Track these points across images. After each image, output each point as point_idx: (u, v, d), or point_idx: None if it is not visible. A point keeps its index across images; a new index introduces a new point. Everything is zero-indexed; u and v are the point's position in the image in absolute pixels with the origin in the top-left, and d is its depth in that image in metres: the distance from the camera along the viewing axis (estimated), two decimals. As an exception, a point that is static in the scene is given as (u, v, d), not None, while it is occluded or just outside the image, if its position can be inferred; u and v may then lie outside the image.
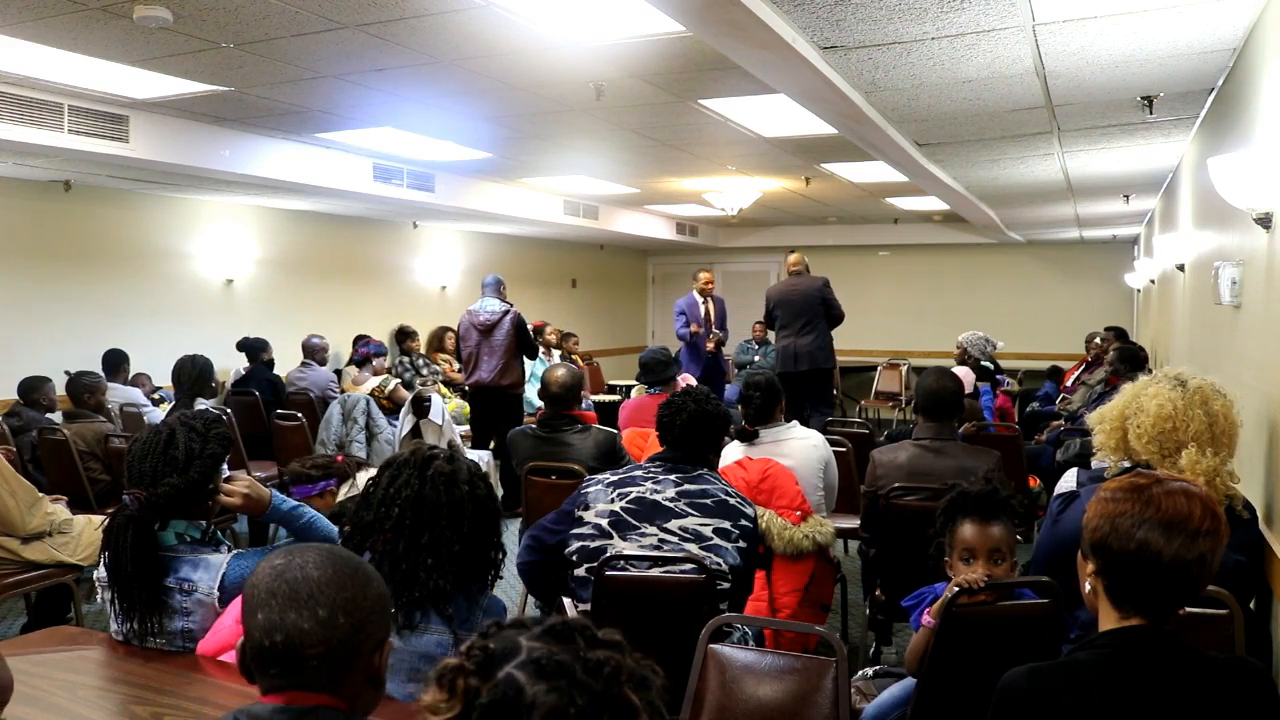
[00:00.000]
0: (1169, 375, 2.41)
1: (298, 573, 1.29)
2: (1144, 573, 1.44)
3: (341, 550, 1.39)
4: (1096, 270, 11.63)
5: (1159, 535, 1.42)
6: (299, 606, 1.27)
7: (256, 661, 1.29)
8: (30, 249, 6.47)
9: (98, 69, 4.27)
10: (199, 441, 2.18)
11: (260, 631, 1.27)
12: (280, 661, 1.27)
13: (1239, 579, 2.22)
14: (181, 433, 2.18)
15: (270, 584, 1.29)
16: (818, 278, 7.79)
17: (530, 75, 4.38)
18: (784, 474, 3.42)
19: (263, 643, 1.27)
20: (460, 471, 1.90)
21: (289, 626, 1.26)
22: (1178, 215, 5.95)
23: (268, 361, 7.34)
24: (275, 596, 1.28)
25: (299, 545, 1.37)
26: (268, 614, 1.27)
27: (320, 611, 1.26)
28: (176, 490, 2.12)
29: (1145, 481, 1.50)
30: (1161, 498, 1.45)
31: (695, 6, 2.92)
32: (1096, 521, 1.49)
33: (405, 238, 9.76)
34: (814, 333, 7.57)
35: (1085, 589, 1.54)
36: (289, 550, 1.35)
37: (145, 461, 2.15)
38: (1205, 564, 1.43)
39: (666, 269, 14.26)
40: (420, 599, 1.82)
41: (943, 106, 4.42)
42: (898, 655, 3.81)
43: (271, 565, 1.32)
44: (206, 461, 2.18)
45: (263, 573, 1.32)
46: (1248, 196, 2.76)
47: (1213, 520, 1.44)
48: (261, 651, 1.27)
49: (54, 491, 4.46)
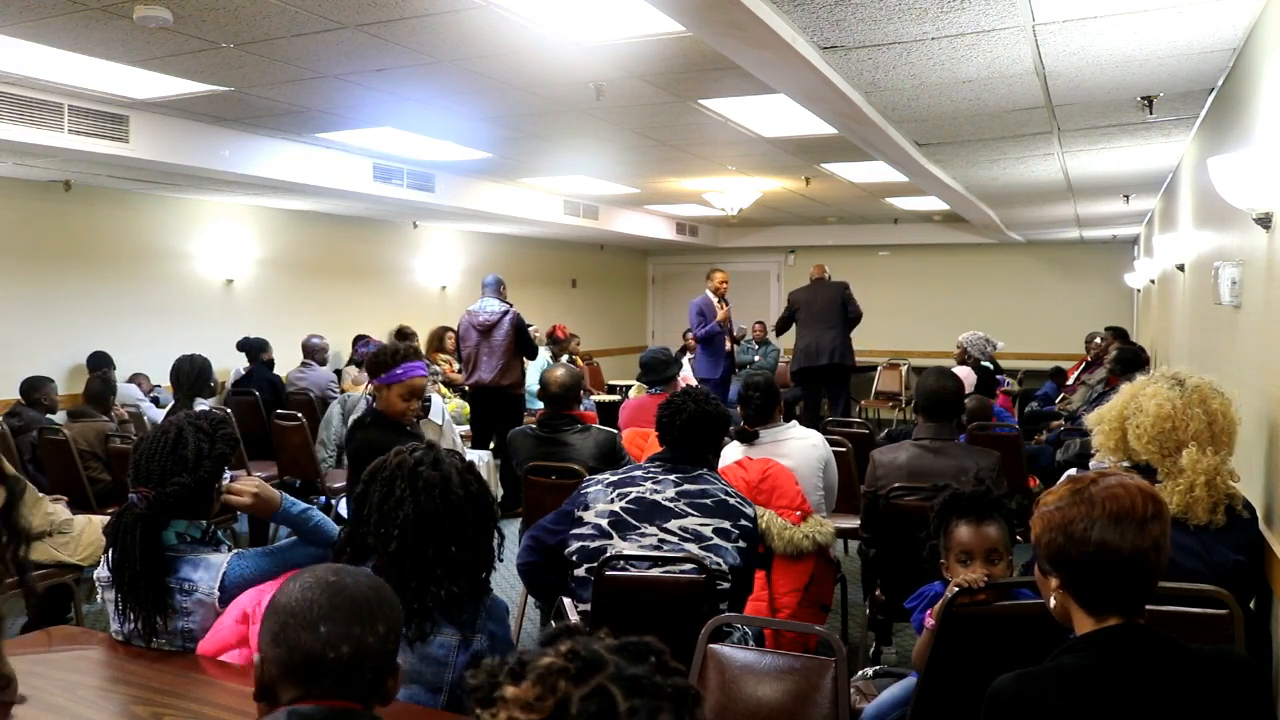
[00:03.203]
0: (1167, 375, 2.41)
1: (356, 590, 1.35)
2: (1108, 571, 1.45)
3: (363, 574, 1.43)
4: (1096, 270, 11.63)
5: (1112, 532, 1.43)
6: (363, 621, 1.32)
7: (308, 671, 1.31)
8: (30, 249, 6.47)
9: (98, 69, 4.27)
10: (207, 441, 2.19)
11: (322, 643, 1.30)
12: (337, 672, 1.30)
13: (1239, 579, 2.22)
14: (190, 432, 2.19)
15: (332, 599, 1.33)
16: (839, 282, 8.28)
17: (530, 75, 4.38)
18: (784, 474, 3.42)
19: (325, 654, 1.30)
20: (450, 476, 1.87)
21: (355, 639, 1.31)
22: (1178, 215, 5.95)
23: (268, 361, 7.35)
24: (339, 611, 1.32)
25: (339, 569, 1.41)
26: (333, 627, 1.31)
27: (380, 627, 1.34)
28: (185, 489, 2.13)
29: (1081, 484, 1.50)
30: (1102, 495, 1.46)
31: (695, 6, 2.92)
32: (1048, 535, 1.49)
33: (405, 238, 9.76)
34: (834, 330, 7.96)
35: (1051, 604, 1.54)
36: (335, 568, 1.40)
37: (154, 461, 2.15)
38: (1160, 548, 1.45)
39: (666, 269, 14.26)
40: (431, 609, 1.80)
41: (943, 106, 4.42)
42: (898, 655, 3.81)
43: (325, 581, 1.36)
44: (214, 461, 2.19)
45: (314, 587, 1.35)
46: (1248, 196, 2.76)
47: (1155, 504, 1.46)
48: (320, 663, 1.30)
49: (54, 491, 4.46)
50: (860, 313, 8.08)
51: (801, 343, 8.06)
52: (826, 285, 8.18)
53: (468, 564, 1.85)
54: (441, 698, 1.79)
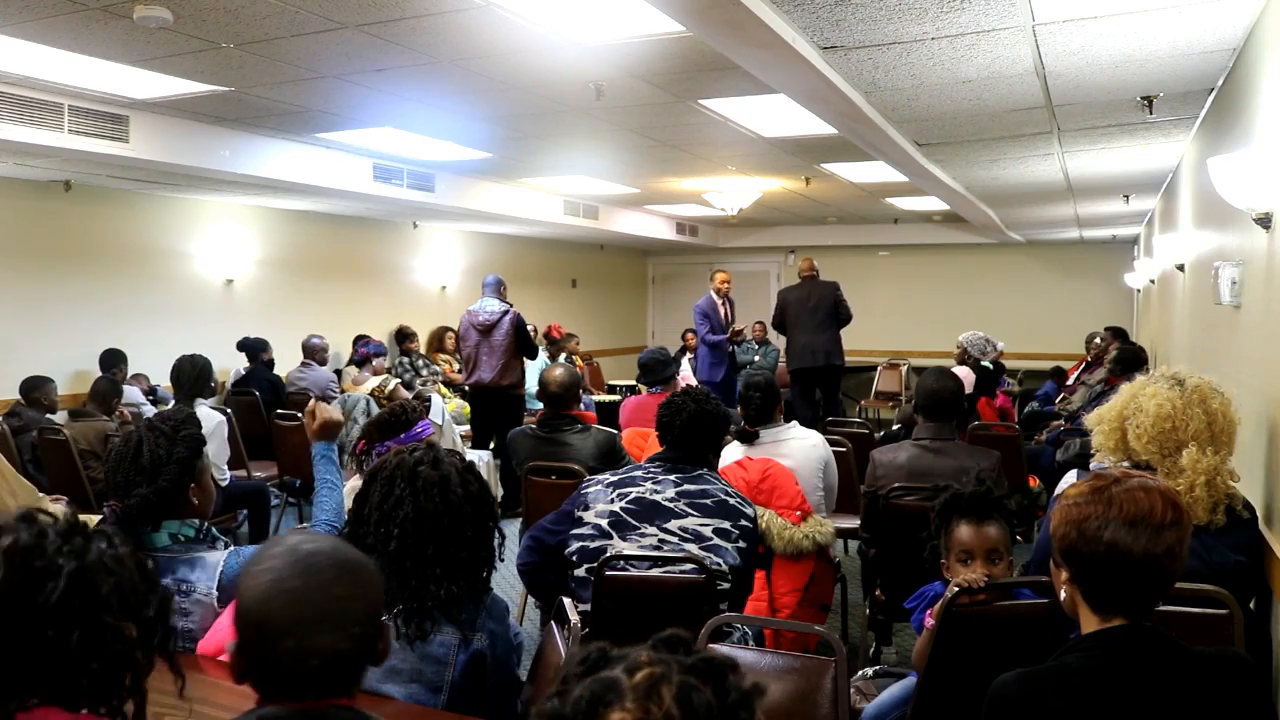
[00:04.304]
0: (1167, 375, 2.40)
1: (324, 587, 1.20)
2: (1117, 573, 1.45)
3: (344, 550, 1.30)
4: (1096, 270, 11.63)
5: (1125, 534, 1.43)
6: (335, 627, 1.20)
7: (278, 682, 1.21)
8: (30, 249, 6.47)
9: (98, 69, 4.27)
10: (166, 446, 2.15)
11: (291, 658, 1.18)
12: (308, 680, 1.20)
13: (1239, 579, 2.22)
14: (149, 439, 2.14)
15: (293, 606, 1.19)
16: (830, 281, 8.15)
17: (530, 75, 4.37)
18: (784, 474, 3.42)
19: (294, 669, 1.19)
20: (450, 475, 1.87)
21: (325, 649, 1.19)
22: (1178, 215, 5.95)
23: (268, 361, 7.35)
24: (305, 622, 1.18)
25: (301, 553, 1.25)
26: (300, 640, 1.18)
27: (355, 627, 1.21)
28: (145, 500, 2.10)
29: (1104, 483, 1.50)
30: (1122, 496, 1.46)
31: (695, 6, 2.92)
32: (1063, 529, 1.50)
33: (405, 238, 9.76)
34: (828, 332, 7.88)
35: (1061, 596, 1.55)
36: (298, 551, 1.24)
37: (118, 472, 2.13)
38: (1175, 556, 1.44)
39: (666, 269, 14.25)
40: (431, 608, 1.80)
41: (943, 106, 4.42)
42: (898, 655, 3.81)
43: (287, 584, 1.20)
44: (174, 468, 2.14)
45: (277, 593, 1.20)
46: (1248, 196, 2.76)
47: (1175, 511, 1.46)
48: (290, 675, 1.19)
49: (54, 491, 4.46)
50: (851, 315, 7.99)
51: (798, 344, 7.96)
52: (818, 284, 8.04)
53: (468, 563, 1.86)
54: (442, 697, 1.79)
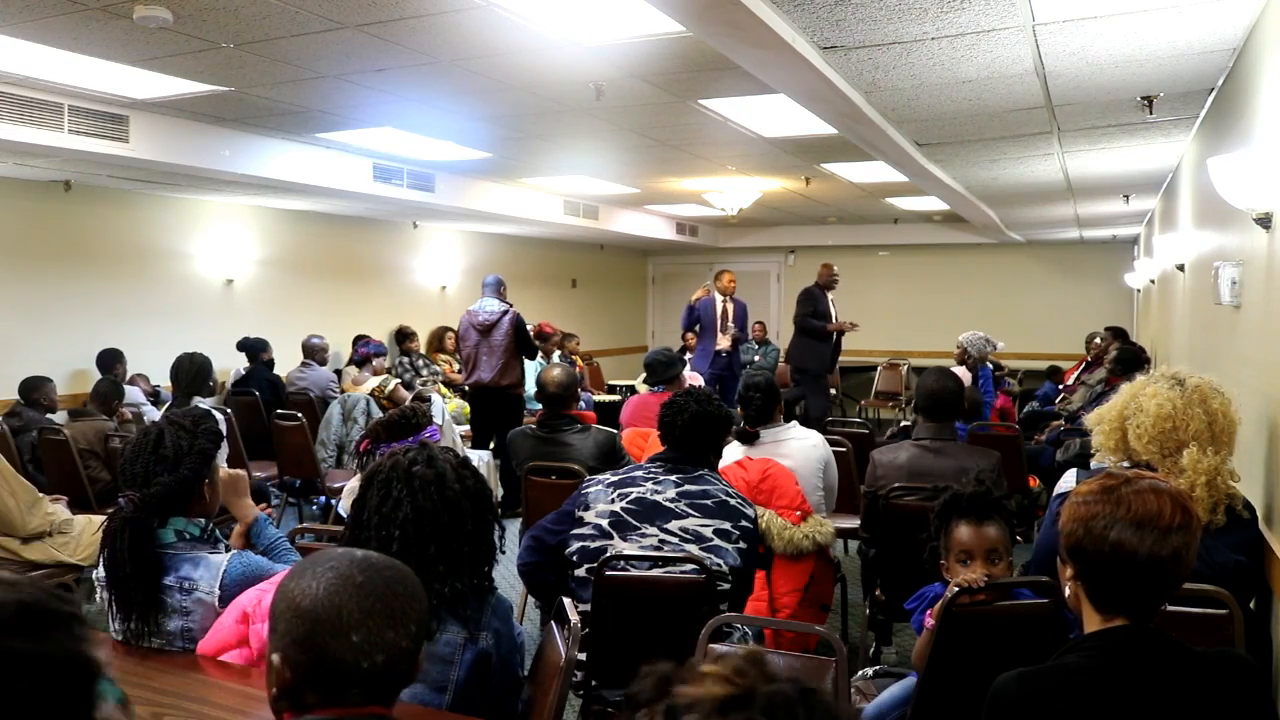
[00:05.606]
0: (1167, 375, 2.40)
1: (386, 588, 1.24)
2: (1121, 573, 1.44)
3: (390, 557, 1.34)
4: (1096, 270, 11.63)
5: (1131, 535, 1.43)
6: (397, 624, 1.22)
7: (337, 682, 1.21)
8: (30, 249, 6.47)
9: (98, 69, 4.27)
10: (187, 439, 2.19)
11: (355, 653, 1.19)
12: (368, 681, 1.21)
13: (1239, 579, 2.22)
14: (170, 431, 2.19)
15: (363, 603, 1.21)
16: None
17: (530, 75, 4.38)
18: (784, 474, 3.42)
19: (359, 664, 1.20)
20: (445, 472, 1.87)
21: (390, 645, 1.21)
22: (1178, 215, 5.95)
23: (268, 361, 7.34)
24: (373, 616, 1.21)
25: (359, 556, 1.29)
26: (366, 635, 1.20)
27: (412, 626, 1.24)
28: (168, 489, 2.13)
29: (1115, 482, 1.50)
30: (1131, 497, 1.46)
31: (695, 6, 2.92)
32: (1070, 526, 1.50)
33: (405, 238, 9.75)
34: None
35: (1066, 593, 1.55)
36: (358, 560, 1.27)
37: (136, 463, 2.16)
38: (1181, 559, 1.44)
39: (666, 269, 14.25)
40: (436, 606, 1.80)
41: (943, 106, 4.42)
42: (898, 655, 3.81)
43: (352, 581, 1.23)
44: (196, 458, 2.18)
45: (341, 589, 1.22)
46: (1248, 196, 2.76)
47: (1184, 515, 1.45)
48: (353, 674, 1.20)
49: (54, 491, 4.45)
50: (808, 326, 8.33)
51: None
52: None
53: (470, 558, 1.86)
54: (447, 697, 1.79)
